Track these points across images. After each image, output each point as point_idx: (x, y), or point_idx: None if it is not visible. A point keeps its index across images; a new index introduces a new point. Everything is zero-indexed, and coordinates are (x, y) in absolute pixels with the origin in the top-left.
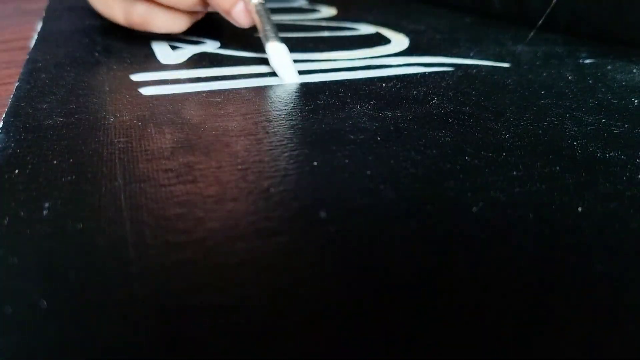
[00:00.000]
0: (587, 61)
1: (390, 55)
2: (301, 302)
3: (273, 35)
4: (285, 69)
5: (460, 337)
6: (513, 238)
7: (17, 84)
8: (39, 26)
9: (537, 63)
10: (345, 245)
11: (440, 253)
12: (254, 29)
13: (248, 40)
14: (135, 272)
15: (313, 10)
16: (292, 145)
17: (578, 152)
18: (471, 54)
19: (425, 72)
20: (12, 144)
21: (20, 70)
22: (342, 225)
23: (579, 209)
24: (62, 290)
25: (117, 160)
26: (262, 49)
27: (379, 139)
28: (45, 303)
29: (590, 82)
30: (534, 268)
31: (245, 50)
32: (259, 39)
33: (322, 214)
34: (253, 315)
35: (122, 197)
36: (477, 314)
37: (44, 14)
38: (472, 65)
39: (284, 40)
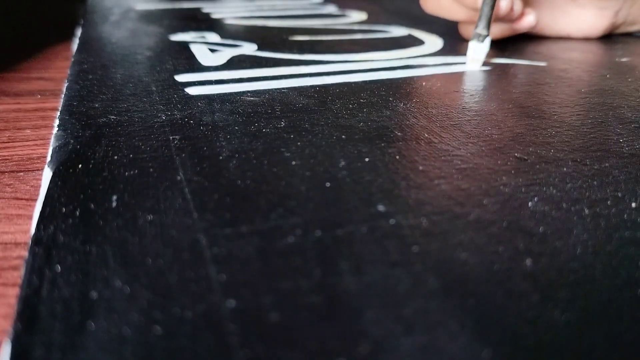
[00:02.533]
0: (624, 59)
1: (426, 56)
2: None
3: (486, 25)
4: (473, 57)
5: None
6: (571, 232)
7: (66, 84)
8: (79, 31)
9: (574, 61)
10: (407, 237)
11: (500, 245)
12: (289, 32)
13: (284, 43)
14: (208, 257)
15: (343, 16)
16: (342, 142)
17: (625, 148)
18: (506, 54)
19: (463, 72)
20: (72, 140)
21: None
22: (402, 218)
23: (633, 204)
24: (142, 277)
25: (175, 157)
26: (297, 51)
27: (426, 135)
28: (128, 289)
29: (630, 80)
30: (591, 261)
31: (283, 52)
32: (295, 41)
33: (381, 208)
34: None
35: (187, 190)
36: (535, 306)
37: (82, 20)
38: (508, 64)
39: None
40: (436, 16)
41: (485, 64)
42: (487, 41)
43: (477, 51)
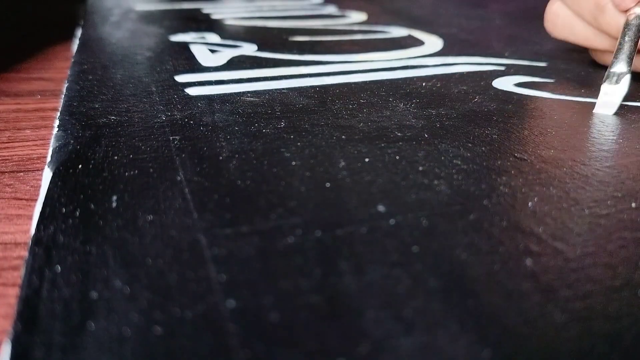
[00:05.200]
0: None
1: (426, 56)
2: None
3: (625, 61)
4: (604, 100)
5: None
6: (572, 231)
7: (66, 85)
8: (79, 32)
9: (575, 61)
10: (406, 237)
11: (500, 245)
12: (289, 32)
13: (284, 43)
14: (208, 257)
15: (343, 16)
16: (342, 142)
17: (625, 149)
18: (506, 54)
19: (463, 72)
20: (72, 141)
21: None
22: (402, 218)
23: (633, 204)
24: (142, 277)
25: (175, 157)
26: (297, 51)
27: (426, 136)
28: (128, 289)
29: None
30: (591, 261)
31: (283, 53)
32: (294, 42)
33: (381, 208)
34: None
35: (187, 190)
36: (533, 308)
37: (82, 21)
38: (508, 64)
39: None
40: (567, 42)
41: (485, 64)
42: (626, 80)
43: (611, 94)
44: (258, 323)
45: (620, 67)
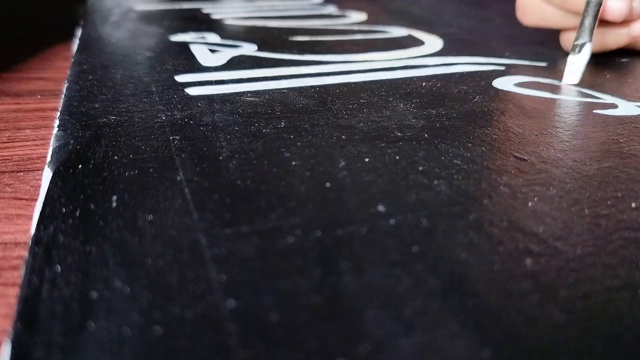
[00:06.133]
0: (624, 60)
1: (426, 56)
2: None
3: (586, 33)
4: (572, 70)
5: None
6: (571, 232)
7: (66, 85)
8: (79, 32)
9: None
10: (406, 237)
11: (500, 245)
12: (289, 32)
13: (284, 43)
14: (208, 257)
15: (343, 16)
16: (342, 142)
17: (625, 149)
18: (506, 54)
19: (463, 72)
20: (72, 141)
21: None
22: (402, 218)
23: (633, 204)
24: (142, 277)
25: (175, 157)
26: (297, 51)
27: (426, 136)
28: (128, 289)
29: (630, 80)
30: (591, 261)
31: (283, 53)
32: (294, 42)
33: (381, 208)
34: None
35: (187, 190)
36: (535, 308)
37: (82, 21)
38: (509, 64)
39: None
40: (539, 28)
41: (485, 64)
42: (586, 49)
43: (575, 63)
44: (258, 323)
45: (581, 38)
